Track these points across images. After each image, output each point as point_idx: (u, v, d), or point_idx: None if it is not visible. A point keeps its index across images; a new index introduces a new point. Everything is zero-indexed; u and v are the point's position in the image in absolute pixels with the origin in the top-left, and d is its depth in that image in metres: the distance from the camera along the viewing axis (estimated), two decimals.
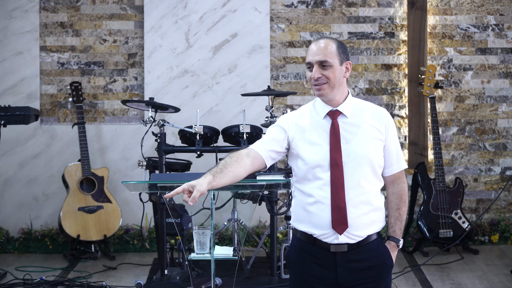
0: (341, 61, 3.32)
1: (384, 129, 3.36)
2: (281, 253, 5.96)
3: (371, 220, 3.31)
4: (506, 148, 7.18)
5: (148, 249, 6.94)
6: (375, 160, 3.31)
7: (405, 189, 3.44)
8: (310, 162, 3.30)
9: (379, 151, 3.34)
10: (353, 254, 3.30)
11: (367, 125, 3.33)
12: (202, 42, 7.09)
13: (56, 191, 7.01)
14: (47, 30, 7.13)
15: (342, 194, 3.26)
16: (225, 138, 6.02)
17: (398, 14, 7.15)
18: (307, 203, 3.32)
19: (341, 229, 3.26)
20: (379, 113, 3.38)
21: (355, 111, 3.37)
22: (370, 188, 3.31)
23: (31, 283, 5.89)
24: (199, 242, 4.10)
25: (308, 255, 3.34)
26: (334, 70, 3.30)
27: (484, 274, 6.12)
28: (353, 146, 3.29)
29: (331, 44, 3.31)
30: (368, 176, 3.30)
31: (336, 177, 3.26)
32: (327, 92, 3.32)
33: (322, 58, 3.29)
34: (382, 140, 3.35)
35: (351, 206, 3.26)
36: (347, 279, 3.30)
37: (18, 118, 6.15)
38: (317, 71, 3.29)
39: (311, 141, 3.33)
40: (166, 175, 5.64)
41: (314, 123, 3.36)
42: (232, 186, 4.50)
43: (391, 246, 3.42)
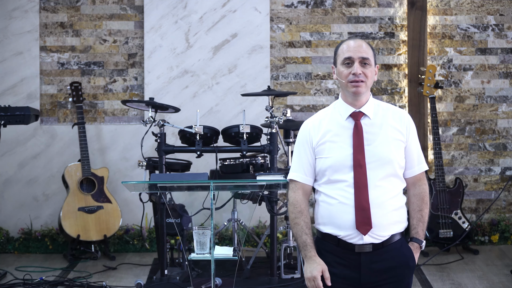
0: (375, 63, 3.38)
1: (405, 130, 3.40)
2: (281, 253, 5.96)
3: (394, 220, 3.34)
4: (506, 148, 7.18)
5: (148, 249, 6.94)
6: (397, 161, 3.34)
7: (426, 191, 3.45)
8: (334, 164, 3.33)
9: (401, 152, 3.37)
10: (377, 255, 3.32)
11: (389, 127, 3.37)
12: (202, 42, 7.09)
13: (56, 191, 7.01)
14: (47, 30, 7.13)
15: (365, 195, 3.28)
16: (225, 138, 6.02)
17: (398, 14, 7.15)
18: (330, 204, 3.34)
19: (365, 230, 3.29)
20: (400, 115, 3.42)
21: (377, 112, 3.40)
22: (391, 189, 3.34)
23: (31, 283, 5.89)
24: (199, 242, 4.10)
25: (332, 255, 3.36)
26: (372, 70, 3.35)
27: (484, 274, 6.12)
28: (375, 147, 3.32)
29: (368, 45, 3.36)
30: (390, 177, 3.34)
31: (359, 178, 3.28)
32: (363, 90, 3.34)
33: (365, 55, 3.31)
34: (403, 141, 3.38)
35: (374, 207, 3.29)
36: (370, 279, 3.33)
37: (18, 118, 6.15)
38: (359, 67, 3.30)
39: (334, 142, 3.35)
40: (166, 175, 5.64)
41: (336, 125, 3.38)
42: (232, 186, 4.52)
43: (414, 247, 3.43)
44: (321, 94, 7.16)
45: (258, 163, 5.89)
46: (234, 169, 5.90)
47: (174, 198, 5.92)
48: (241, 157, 5.92)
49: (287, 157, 6.13)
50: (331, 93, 7.16)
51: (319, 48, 7.15)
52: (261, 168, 5.88)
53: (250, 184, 4.43)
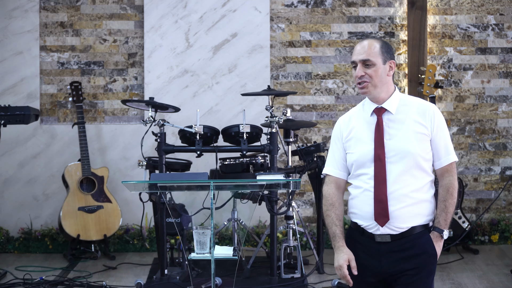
0: (384, 60, 3.48)
1: (429, 123, 3.48)
2: (281, 252, 5.96)
3: (414, 213, 3.46)
4: (506, 148, 7.18)
5: (148, 249, 6.94)
6: (419, 155, 3.44)
7: (452, 183, 3.52)
8: (359, 158, 3.50)
9: (424, 145, 3.46)
10: (397, 245, 3.46)
11: (412, 121, 3.47)
12: (202, 42, 7.09)
13: (56, 191, 7.01)
14: (47, 30, 7.13)
15: (384, 188, 3.43)
16: (225, 138, 6.02)
17: (398, 14, 7.15)
18: (356, 195, 3.53)
19: (382, 221, 3.45)
20: (425, 108, 3.50)
21: (401, 107, 3.51)
22: (413, 182, 3.45)
23: (31, 283, 5.89)
24: (199, 242, 4.10)
25: (358, 244, 3.53)
26: (377, 69, 3.47)
27: (484, 274, 6.12)
28: (395, 142, 3.45)
29: (374, 44, 3.49)
30: (412, 170, 3.44)
31: (378, 172, 3.44)
32: (370, 90, 3.49)
33: (365, 57, 3.46)
34: (427, 134, 3.47)
35: (392, 199, 3.43)
36: (391, 268, 3.47)
37: (18, 118, 6.15)
38: (361, 69, 3.47)
39: (359, 138, 3.52)
40: (166, 175, 5.64)
41: (362, 121, 3.55)
42: (232, 186, 4.51)
43: (434, 236, 3.50)
44: (321, 94, 7.16)
45: (258, 162, 5.89)
46: (234, 169, 5.90)
47: (174, 198, 5.92)
48: (241, 157, 5.92)
49: (287, 157, 6.13)
50: (331, 92, 7.16)
51: (319, 48, 7.15)
52: (261, 168, 5.88)
53: (250, 183, 4.43)
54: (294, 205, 6.22)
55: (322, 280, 5.96)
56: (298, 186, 4.40)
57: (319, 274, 6.10)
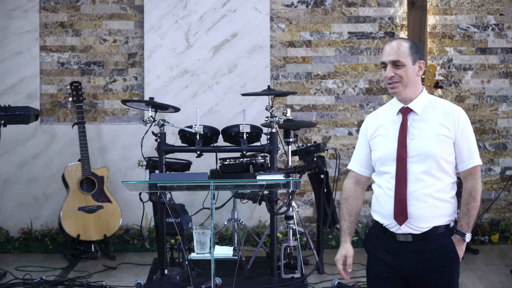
0: (413, 60, 3.51)
1: (453, 126, 3.49)
2: (281, 252, 5.96)
3: (435, 214, 3.48)
4: (506, 148, 7.18)
5: (148, 249, 6.94)
6: (440, 156, 3.46)
7: (475, 186, 3.52)
8: (381, 156, 3.56)
9: (446, 148, 3.49)
10: (418, 245, 3.48)
11: (436, 123, 3.50)
12: (202, 42, 7.09)
13: (56, 191, 7.01)
14: (47, 30, 7.13)
15: (404, 187, 3.47)
16: (225, 138, 6.02)
17: (398, 14, 7.15)
18: (379, 194, 3.58)
19: (401, 220, 3.48)
20: (450, 111, 3.52)
21: (427, 108, 3.54)
22: (434, 183, 3.48)
23: (31, 283, 5.89)
24: (199, 242, 4.10)
25: (379, 241, 3.57)
26: (407, 69, 3.50)
27: (484, 274, 6.12)
28: (418, 142, 3.49)
29: (403, 45, 3.52)
30: (433, 171, 3.47)
31: (400, 171, 3.48)
32: (400, 90, 3.52)
33: (395, 58, 3.49)
34: (450, 137, 3.49)
35: (413, 199, 3.47)
36: (412, 267, 3.49)
37: (18, 118, 6.15)
38: (391, 70, 3.51)
39: (384, 136, 3.58)
40: (166, 175, 5.64)
41: (388, 120, 3.59)
42: (232, 186, 4.51)
43: (457, 239, 3.51)
44: (321, 94, 7.16)
45: (258, 162, 5.89)
46: (234, 169, 5.90)
47: (174, 198, 5.92)
48: (241, 157, 5.92)
49: (287, 157, 6.13)
50: (331, 92, 7.16)
51: (319, 48, 7.15)
52: (261, 168, 5.88)
53: (250, 183, 4.43)
54: (294, 205, 6.22)
55: (322, 280, 5.96)
56: (298, 186, 4.40)
57: (319, 274, 6.10)
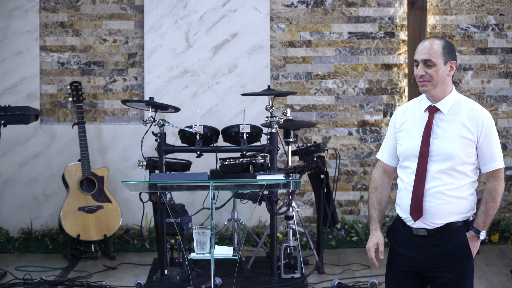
0: (445, 60, 3.56)
1: (476, 129, 3.54)
2: (281, 253, 5.96)
3: (451, 211, 3.56)
4: (506, 148, 7.18)
5: (148, 249, 6.94)
6: (460, 158, 3.53)
7: (496, 187, 3.58)
8: (405, 151, 3.63)
9: (467, 149, 3.54)
10: (433, 239, 3.57)
11: (460, 124, 3.55)
12: (202, 42, 7.09)
13: (56, 191, 7.01)
14: (47, 30, 7.13)
15: (422, 184, 3.56)
16: (225, 138, 6.02)
17: (398, 14, 7.15)
18: (400, 188, 3.67)
19: (416, 217, 3.58)
20: (475, 114, 3.56)
21: (454, 108, 3.59)
22: (451, 181, 3.54)
23: (31, 283, 5.89)
24: (199, 242, 4.10)
25: (400, 234, 3.67)
26: (438, 69, 3.56)
27: (484, 274, 6.12)
28: (440, 142, 3.55)
29: (436, 44, 3.57)
30: (451, 171, 3.54)
31: (420, 168, 3.56)
32: (430, 89, 3.58)
33: (427, 57, 3.55)
34: (471, 140, 3.54)
35: (428, 196, 3.55)
36: (427, 262, 3.58)
37: (18, 118, 6.15)
38: (422, 68, 3.57)
39: (409, 132, 3.64)
40: (166, 175, 5.64)
41: (415, 116, 3.65)
42: (232, 186, 4.51)
43: (471, 235, 3.57)
44: (321, 94, 7.16)
45: (258, 162, 5.89)
46: (234, 169, 5.90)
47: (174, 198, 5.92)
48: (241, 157, 5.92)
49: (287, 157, 6.13)
50: (331, 93, 7.16)
51: (319, 48, 7.15)
52: (261, 168, 5.88)
53: (250, 184, 4.43)
54: (294, 205, 6.22)
55: (322, 280, 5.96)
56: (298, 186, 4.40)
57: (319, 274, 6.10)
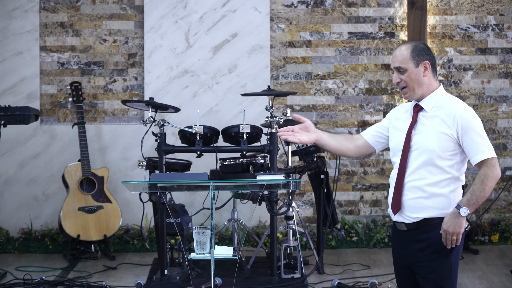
0: (416, 63, 3.69)
1: (454, 125, 3.62)
2: (281, 253, 5.96)
3: (426, 205, 3.64)
4: (506, 148, 7.18)
5: (148, 249, 6.94)
6: (435, 151, 3.61)
7: (486, 172, 3.59)
8: (393, 147, 3.78)
9: (443, 144, 3.62)
10: (413, 234, 3.67)
11: (439, 120, 3.65)
12: (202, 42, 7.09)
13: (56, 191, 7.01)
14: (47, 30, 7.13)
15: (402, 178, 3.68)
16: (225, 138, 6.02)
17: (398, 14, 7.15)
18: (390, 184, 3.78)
19: (395, 210, 3.69)
20: (453, 110, 3.65)
21: (436, 106, 3.69)
22: (427, 176, 3.63)
23: (31, 283, 5.89)
24: (199, 242, 4.10)
25: (393, 232, 3.83)
26: (410, 74, 3.69)
27: (484, 274, 6.12)
28: (420, 137, 3.66)
29: (404, 50, 3.71)
30: (428, 166, 3.63)
31: (402, 162, 3.69)
32: (410, 94, 3.72)
33: (397, 65, 3.71)
34: (449, 134, 3.62)
35: (406, 190, 3.67)
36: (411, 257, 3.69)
37: (18, 118, 6.15)
38: (396, 76, 3.73)
39: (398, 129, 3.78)
40: (166, 175, 5.65)
41: (406, 114, 3.80)
42: (232, 186, 4.51)
43: (452, 212, 3.60)
44: (321, 94, 7.16)
45: (258, 163, 5.89)
46: (234, 169, 5.90)
47: (174, 198, 5.92)
48: (241, 157, 5.92)
49: (287, 157, 6.13)
50: (331, 93, 7.16)
51: (319, 48, 7.15)
52: (261, 168, 5.88)
53: (250, 184, 4.42)
54: (294, 205, 6.22)
55: (322, 280, 5.96)
56: (298, 186, 4.40)
57: (319, 274, 6.10)
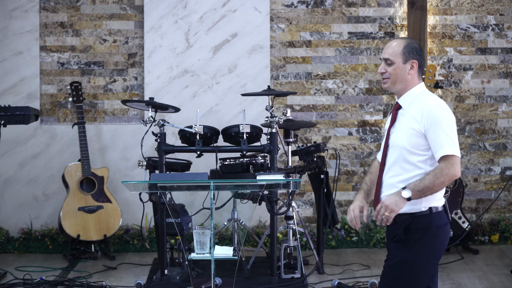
0: (405, 59, 3.75)
1: (421, 120, 3.66)
2: (281, 253, 5.96)
3: None
4: (506, 148, 7.18)
5: (148, 249, 6.94)
6: (405, 148, 3.69)
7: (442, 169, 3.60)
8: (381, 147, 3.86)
9: (413, 139, 3.68)
10: (390, 229, 3.77)
11: (410, 116, 3.72)
12: (202, 42, 7.09)
13: (56, 191, 7.01)
14: (47, 30, 7.13)
15: (381, 176, 3.78)
16: (225, 138, 6.02)
17: (398, 14, 7.15)
18: None
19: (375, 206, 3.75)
20: (422, 106, 3.70)
21: (412, 103, 3.75)
22: (400, 173, 3.72)
23: (31, 283, 5.89)
24: (199, 242, 4.10)
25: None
26: (396, 67, 3.75)
27: (484, 274, 6.12)
28: (395, 134, 3.75)
29: (397, 44, 3.77)
30: (401, 162, 3.71)
31: (382, 161, 3.80)
32: (389, 86, 3.79)
33: (386, 56, 3.77)
34: (417, 130, 3.67)
35: (384, 187, 3.76)
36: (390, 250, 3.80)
37: (18, 118, 6.15)
38: (383, 67, 3.80)
39: (386, 128, 3.88)
40: (166, 175, 5.64)
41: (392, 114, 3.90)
42: (232, 186, 4.51)
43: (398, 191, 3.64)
44: (321, 94, 7.16)
45: (258, 163, 5.89)
46: (234, 169, 5.90)
47: (174, 198, 5.92)
48: (241, 157, 5.92)
49: (287, 157, 6.13)
50: (331, 93, 7.16)
51: (319, 48, 7.15)
52: (261, 168, 5.88)
53: (250, 184, 4.43)
54: (294, 205, 6.22)
55: (322, 280, 5.96)
56: (298, 186, 4.40)
57: (319, 274, 6.10)
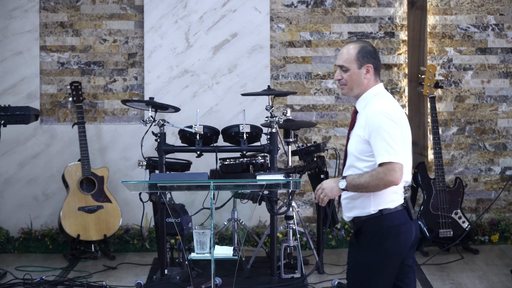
0: (360, 65, 3.76)
1: (366, 126, 3.70)
2: (281, 253, 5.96)
3: (351, 206, 3.80)
4: (506, 148, 7.18)
5: (148, 249, 6.94)
6: (353, 154, 3.76)
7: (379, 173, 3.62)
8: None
9: (359, 146, 3.73)
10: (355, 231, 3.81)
11: (359, 122, 3.76)
12: (202, 42, 7.09)
13: (56, 191, 7.01)
14: (47, 30, 7.13)
15: None
16: (225, 138, 6.02)
17: (398, 14, 7.15)
18: None
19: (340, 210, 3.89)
20: (367, 111, 3.73)
21: (365, 108, 3.77)
22: None
23: (31, 283, 5.89)
24: (199, 242, 4.10)
25: None
26: (351, 74, 3.76)
27: (484, 274, 6.12)
28: (350, 140, 3.80)
29: (351, 50, 3.77)
30: (352, 168, 3.77)
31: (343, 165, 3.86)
32: (347, 92, 3.82)
33: (341, 63, 3.78)
34: (362, 136, 3.71)
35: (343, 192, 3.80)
36: None
37: (18, 118, 6.15)
38: (338, 73, 3.81)
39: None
40: (166, 175, 5.64)
41: None
42: (232, 186, 4.51)
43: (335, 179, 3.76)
44: (321, 94, 7.16)
45: (258, 162, 5.89)
46: (234, 169, 5.90)
47: (174, 198, 5.92)
48: (241, 157, 5.92)
49: (287, 157, 6.13)
50: (331, 92, 7.16)
51: (319, 48, 7.15)
52: (261, 168, 5.88)
53: (250, 183, 4.43)
54: (294, 205, 6.22)
55: (322, 280, 5.96)
56: (298, 186, 4.40)
57: (319, 274, 6.10)
